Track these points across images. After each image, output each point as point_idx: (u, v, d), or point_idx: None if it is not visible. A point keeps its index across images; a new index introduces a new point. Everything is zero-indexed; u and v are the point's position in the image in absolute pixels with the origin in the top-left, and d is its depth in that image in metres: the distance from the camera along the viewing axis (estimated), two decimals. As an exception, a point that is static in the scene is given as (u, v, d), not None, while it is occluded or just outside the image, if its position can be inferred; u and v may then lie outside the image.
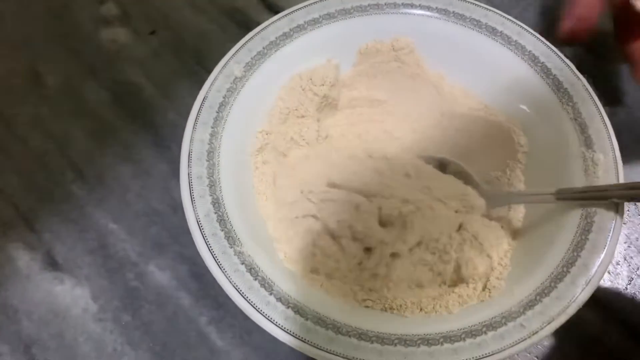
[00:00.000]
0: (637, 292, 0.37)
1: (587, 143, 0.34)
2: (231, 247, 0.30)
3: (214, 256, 0.29)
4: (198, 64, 0.45)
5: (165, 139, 0.41)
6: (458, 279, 0.34)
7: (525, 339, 0.28)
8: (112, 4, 0.48)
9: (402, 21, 0.39)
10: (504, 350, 0.28)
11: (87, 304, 0.35)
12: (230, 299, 0.28)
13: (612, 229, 0.31)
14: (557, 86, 0.37)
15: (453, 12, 0.39)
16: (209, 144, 0.33)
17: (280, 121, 0.38)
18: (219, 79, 0.35)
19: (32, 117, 0.42)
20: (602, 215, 0.31)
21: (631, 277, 0.37)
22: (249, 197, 0.35)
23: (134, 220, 0.38)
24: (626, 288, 0.37)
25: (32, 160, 0.40)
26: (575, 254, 0.31)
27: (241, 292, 0.29)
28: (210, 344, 0.34)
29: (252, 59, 0.36)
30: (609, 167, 0.33)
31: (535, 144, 0.37)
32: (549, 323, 0.28)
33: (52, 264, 0.37)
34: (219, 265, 0.29)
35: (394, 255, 0.34)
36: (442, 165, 0.39)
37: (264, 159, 0.36)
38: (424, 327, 0.29)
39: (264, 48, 0.37)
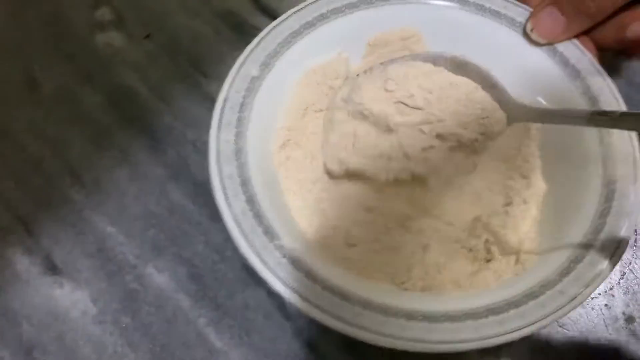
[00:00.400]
0: (629, 286, 0.37)
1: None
2: (271, 242, 0.30)
3: (257, 252, 0.30)
4: (192, 67, 0.45)
5: (161, 143, 0.42)
6: (489, 254, 0.34)
7: (566, 305, 0.29)
8: (107, 9, 0.48)
9: (409, 11, 0.40)
10: (547, 317, 0.29)
11: (86, 306, 0.36)
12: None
13: (634, 193, 0.32)
14: (565, 62, 0.37)
15: None
16: (234, 144, 0.34)
17: (299, 116, 0.38)
18: (237, 80, 0.36)
19: (28, 123, 0.42)
20: (623, 181, 0.33)
21: (623, 272, 0.38)
22: (277, 192, 0.35)
23: (131, 223, 0.39)
24: (619, 282, 0.38)
25: (29, 166, 0.41)
26: (601, 220, 0.32)
27: (288, 284, 0.29)
28: (209, 344, 0.35)
29: (266, 57, 0.37)
30: (623, 133, 0.34)
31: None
32: (585, 287, 0.29)
33: (51, 268, 0.37)
34: (262, 261, 0.29)
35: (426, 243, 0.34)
36: (457, 66, 0.38)
37: (287, 154, 0.37)
38: (466, 302, 0.30)
39: (277, 46, 0.38)
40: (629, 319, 0.37)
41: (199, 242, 0.38)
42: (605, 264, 0.30)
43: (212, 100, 0.41)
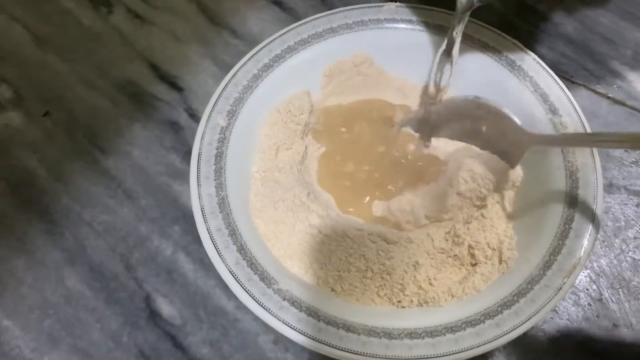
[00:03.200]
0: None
1: (552, 109, 0.38)
2: (269, 288, 0.32)
3: (256, 299, 0.31)
4: (91, 143, 0.45)
5: (59, 226, 0.42)
6: (472, 258, 0.36)
7: (553, 298, 0.31)
8: (5, 87, 0.48)
9: (358, 38, 0.43)
10: (539, 312, 0.31)
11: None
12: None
13: (596, 181, 0.35)
14: (511, 65, 0.40)
15: (400, 19, 0.43)
16: (216, 196, 0.35)
17: (272, 156, 0.40)
18: (207, 133, 0.37)
19: None
20: (585, 170, 0.35)
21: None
22: (260, 238, 0.36)
23: (28, 314, 0.39)
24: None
25: None
26: (571, 210, 0.34)
27: (293, 327, 0.31)
28: None
29: (231, 106, 0.39)
30: (577, 126, 0.37)
31: None
32: (568, 277, 0.32)
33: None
34: (263, 307, 0.31)
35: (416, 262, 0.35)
36: (477, 106, 0.39)
37: (262, 203, 0.38)
38: (463, 310, 0.32)
39: (239, 93, 0.39)
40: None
41: (94, 330, 0.38)
42: (582, 249, 0.32)
43: (109, 177, 0.42)
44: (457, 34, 0.37)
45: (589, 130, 0.37)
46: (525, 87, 0.39)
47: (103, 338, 0.37)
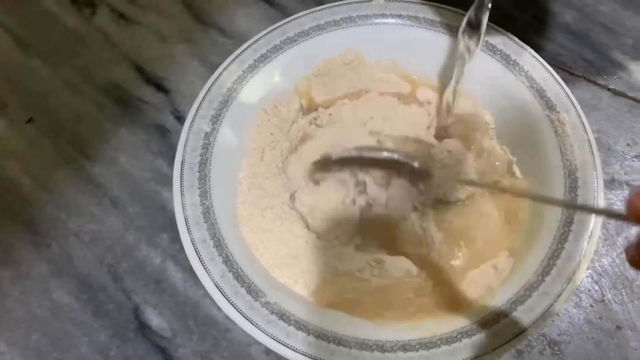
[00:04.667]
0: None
1: (549, 106, 0.36)
2: (256, 301, 0.31)
3: (243, 314, 0.30)
4: (76, 150, 0.44)
5: (44, 237, 0.41)
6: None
7: (552, 305, 0.30)
8: (-13, 94, 0.47)
9: (346, 35, 0.41)
10: (537, 320, 0.30)
11: None
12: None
13: (595, 180, 0.34)
14: (506, 60, 0.39)
15: (390, 14, 0.41)
16: (201, 205, 0.33)
17: (258, 160, 0.38)
18: (190, 139, 0.35)
19: None
20: (584, 169, 0.34)
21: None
22: (248, 248, 0.35)
23: (14, 328, 0.38)
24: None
25: None
26: (570, 211, 0.33)
27: (282, 342, 0.30)
28: None
29: (215, 110, 0.37)
30: (576, 123, 0.35)
31: (501, 118, 0.39)
32: (567, 283, 0.31)
33: None
34: (250, 321, 0.30)
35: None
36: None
37: (249, 211, 0.36)
38: (458, 320, 0.31)
39: (223, 96, 0.38)
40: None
41: (82, 344, 0.37)
42: (582, 251, 0.31)
43: (95, 184, 0.41)
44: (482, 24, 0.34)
45: (587, 125, 0.35)
46: (521, 83, 0.37)
47: (91, 352, 0.37)
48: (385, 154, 0.36)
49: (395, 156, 0.35)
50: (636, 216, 0.21)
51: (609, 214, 0.32)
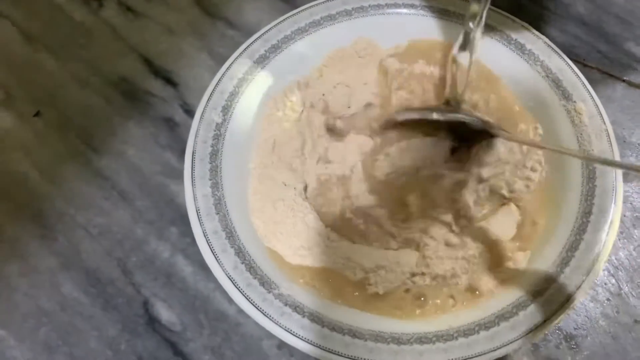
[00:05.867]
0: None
1: (565, 95, 0.36)
2: (270, 292, 0.30)
3: (256, 305, 0.29)
4: (83, 143, 0.43)
5: (52, 230, 0.40)
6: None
7: (565, 306, 0.30)
8: (-4, 87, 0.46)
9: (358, 25, 0.41)
10: (555, 314, 0.30)
11: None
12: None
13: (614, 171, 0.33)
14: (521, 49, 0.38)
15: (403, 3, 0.41)
16: (212, 196, 0.33)
17: (269, 151, 0.38)
18: (201, 130, 0.35)
19: None
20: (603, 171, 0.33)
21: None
22: (260, 238, 0.35)
23: (22, 323, 0.37)
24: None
25: None
26: (588, 203, 0.32)
27: (296, 334, 0.29)
28: None
29: (226, 100, 0.36)
30: (593, 113, 0.35)
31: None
32: (586, 275, 0.30)
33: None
34: (264, 313, 0.29)
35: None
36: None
37: (262, 203, 0.36)
38: (476, 312, 0.31)
39: (234, 87, 0.38)
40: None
41: (91, 338, 0.37)
42: (601, 244, 0.31)
43: (103, 177, 0.41)
44: (479, 21, 0.34)
45: (605, 115, 0.35)
46: (536, 72, 0.37)
47: (100, 346, 0.36)
48: (450, 116, 0.36)
49: (461, 117, 0.35)
50: None
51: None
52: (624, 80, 0.44)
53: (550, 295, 0.30)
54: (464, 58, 0.37)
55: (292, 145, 0.38)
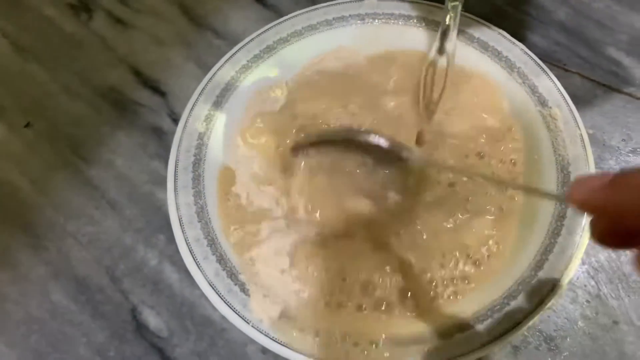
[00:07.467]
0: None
1: (541, 101, 0.37)
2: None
3: (237, 312, 0.30)
4: (74, 154, 0.44)
5: (42, 239, 0.41)
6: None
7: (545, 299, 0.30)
8: (-14, 98, 0.47)
9: (339, 34, 0.41)
10: (532, 313, 0.30)
11: None
12: None
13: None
14: (498, 56, 0.39)
15: (382, 13, 0.42)
16: (195, 204, 0.34)
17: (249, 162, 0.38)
18: (184, 139, 0.36)
19: None
20: (577, 163, 0.34)
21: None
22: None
23: (13, 330, 0.38)
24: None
25: None
26: (563, 205, 0.33)
27: (276, 340, 0.30)
28: None
29: (209, 110, 0.37)
30: (567, 118, 0.35)
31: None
32: (560, 277, 0.31)
33: None
34: (244, 319, 0.30)
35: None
36: None
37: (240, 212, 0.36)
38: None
39: (217, 97, 0.39)
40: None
41: (80, 345, 0.37)
42: (575, 246, 0.31)
43: (93, 187, 0.41)
44: (452, 27, 0.35)
45: (579, 120, 0.36)
46: (513, 79, 0.37)
47: (90, 353, 0.37)
48: (372, 138, 0.34)
49: (381, 141, 0.33)
50: (579, 207, 0.20)
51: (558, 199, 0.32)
52: (604, 85, 0.45)
53: (525, 297, 0.30)
54: (440, 63, 0.37)
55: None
